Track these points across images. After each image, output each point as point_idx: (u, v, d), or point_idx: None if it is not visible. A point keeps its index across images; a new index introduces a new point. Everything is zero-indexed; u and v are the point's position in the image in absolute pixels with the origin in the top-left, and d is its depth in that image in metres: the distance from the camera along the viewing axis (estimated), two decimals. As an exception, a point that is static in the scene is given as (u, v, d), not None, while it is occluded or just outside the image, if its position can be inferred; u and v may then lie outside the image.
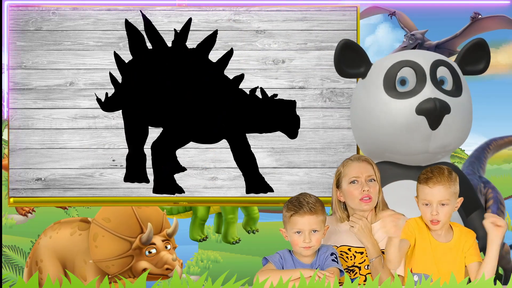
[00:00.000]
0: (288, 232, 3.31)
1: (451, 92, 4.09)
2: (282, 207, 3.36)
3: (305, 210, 3.26)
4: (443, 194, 3.29)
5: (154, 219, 4.38)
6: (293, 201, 3.31)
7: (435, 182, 3.29)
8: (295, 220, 3.27)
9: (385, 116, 4.08)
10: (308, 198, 3.30)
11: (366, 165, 3.48)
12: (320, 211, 3.29)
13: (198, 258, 6.29)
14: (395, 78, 4.11)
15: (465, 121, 4.16)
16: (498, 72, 6.13)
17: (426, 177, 3.33)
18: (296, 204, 3.29)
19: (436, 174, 3.32)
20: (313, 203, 3.28)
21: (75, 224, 4.57)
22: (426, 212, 3.32)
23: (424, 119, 3.97)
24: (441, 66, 4.13)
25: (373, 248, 3.39)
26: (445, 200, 3.29)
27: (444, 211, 3.29)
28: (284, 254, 3.34)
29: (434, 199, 3.29)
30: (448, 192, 3.30)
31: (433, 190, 3.29)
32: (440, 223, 3.30)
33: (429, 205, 3.30)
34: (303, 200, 3.29)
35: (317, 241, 3.27)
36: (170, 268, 4.27)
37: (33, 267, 4.60)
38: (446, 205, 3.30)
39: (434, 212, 3.29)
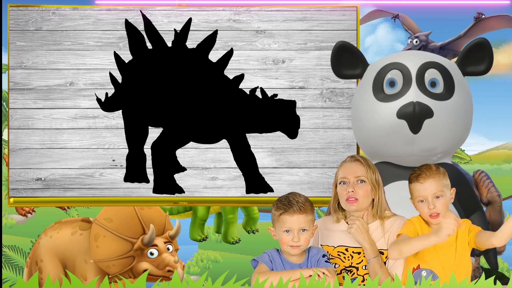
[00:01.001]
0: (277, 231, 3.31)
1: (439, 95, 4.04)
2: (271, 206, 3.36)
3: (294, 209, 3.26)
4: (435, 186, 3.34)
5: (156, 221, 4.38)
6: (283, 200, 3.32)
7: (425, 177, 3.35)
8: (284, 219, 3.28)
9: (371, 119, 4.10)
10: (298, 198, 3.30)
11: (357, 165, 3.47)
12: (309, 211, 3.29)
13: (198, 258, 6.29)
14: (383, 80, 4.11)
15: (455, 124, 4.10)
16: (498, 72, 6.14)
17: (415, 175, 3.39)
18: (286, 203, 3.29)
19: (424, 170, 3.39)
20: (303, 203, 3.28)
21: (76, 224, 4.57)
22: (423, 208, 3.36)
23: (405, 123, 3.96)
24: (431, 68, 4.10)
25: (371, 248, 3.39)
26: (439, 192, 3.34)
27: (440, 202, 3.34)
28: (272, 253, 3.34)
29: (428, 193, 3.34)
30: (440, 184, 3.34)
31: (424, 184, 3.34)
32: (440, 215, 3.33)
33: (425, 201, 3.35)
34: (293, 200, 3.29)
35: (305, 241, 3.28)
36: (171, 270, 4.27)
37: (33, 267, 4.59)
38: (441, 197, 3.34)
39: (431, 206, 3.33)
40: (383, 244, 3.44)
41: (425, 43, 6.02)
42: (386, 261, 3.43)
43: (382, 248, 3.43)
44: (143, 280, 2.95)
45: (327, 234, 3.51)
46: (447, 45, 6.05)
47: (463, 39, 6.03)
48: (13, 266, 5.95)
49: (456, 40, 6.04)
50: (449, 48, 6.03)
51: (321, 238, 3.51)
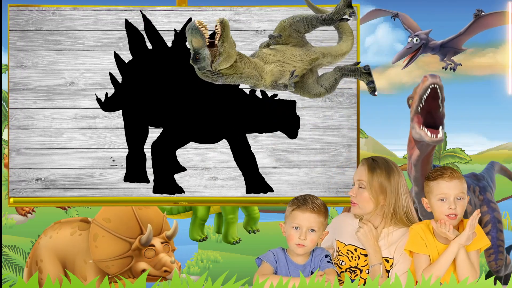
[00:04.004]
0: (287, 227, 3.33)
1: None
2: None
3: (307, 207, 3.29)
4: (460, 188, 3.28)
5: (154, 221, 4.39)
6: (299, 198, 3.37)
7: (451, 176, 3.28)
8: (295, 215, 3.30)
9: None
10: (314, 199, 3.34)
11: (361, 170, 3.48)
12: (322, 213, 3.30)
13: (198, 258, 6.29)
14: None
15: None
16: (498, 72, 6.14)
17: (440, 173, 3.31)
18: (301, 200, 3.33)
19: (448, 169, 3.31)
20: (317, 204, 3.31)
21: (75, 224, 4.58)
22: (442, 207, 3.28)
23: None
24: None
25: (375, 254, 3.38)
26: (461, 194, 3.28)
27: (460, 205, 3.28)
28: (278, 253, 3.35)
29: (451, 193, 3.27)
30: (463, 186, 3.29)
31: (450, 184, 3.27)
32: (457, 218, 3.28)
33: (446, 200, 3.27)
34: (309, 199, 3.33)
35: (311, 241, 3.28)
36: (168, 270, 4.27)
37: (33, 267, 4.60)
38: (462, 199, 3.28)
39: (452, 206, 3.26)
40: (389, 253, 3.42)
41: (425, 41, 6.01)
42: (390, 270, 3.41)
43: (387, 256, 3.42)
44: (143, 280, 2.96)
45: (343, 230, 3.52)
46: (447, 43, 6.04)
47: (464, 37, 6.02)
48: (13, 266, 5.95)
49: (456, 37, 6.03)
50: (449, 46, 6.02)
51: (337, 233, 3.52)
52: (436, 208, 3.32)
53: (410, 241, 3.33)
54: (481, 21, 5.93)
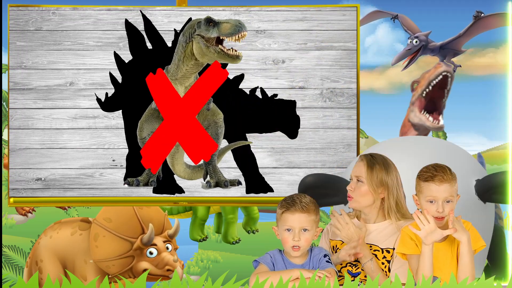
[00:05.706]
0: (279, 230, 3.32)
1: None
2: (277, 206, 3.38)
3: (296, 208, 3.27)
4: (449, 191, 3.31)
5: (155, 220, 4.38)
6: (287, 199, 3.33)
7: (442, 180, 3.31)
8: (286, 217, 3.28)
9: None
10: (302, 198, 3.32)
11: (359, 165, 3.49)
12: (312, 211, 3.29)
13: (198, 258, 6.29)
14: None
15: None
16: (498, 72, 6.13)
17: (431, 174, 3.33)
18: (289, 202, 3.30)
19: (440, 172, 3.33)
20: (306, 203, 3.29)
21: (76, 224, 4.58)
22: (431, 208, 3.33)
23: None
24: None
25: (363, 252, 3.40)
26: (450, 197, 3.32)
27: (448, 207, 3.32)
28: (275, 254, 3.34)
29: (440, 196, 3.31)
30: (453, 189, 3.33)
31: (440, 187, 3.30)
32: (444, 219, 3.33)
33: (434, 202, 3.32)
34: (297, 199, 3.30)
35: (306, 241, 3.27)
36: (171, 269, 4.27)
37: (33, 267, 4.60)
38: (451, 202, 3.32)
39: (440, 209, 3.31)
40: (391, 243, 3.43)
41: (425, 43, 6.00)
42: (391, 260, 3.41)
43: (389, 247, 3.42)
44: (143, 280, 2.95)
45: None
46: (447, 44, 6.03)
47: (463, 38, 6.02)
48: (13, 266, 5.95)
49: (456, 39, 6.03)
50: (449, 48, 6.01)
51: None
52: (424, 207, 3.36)
53: (401, 244, 3.36)
54: (480, 22, 5.93)
